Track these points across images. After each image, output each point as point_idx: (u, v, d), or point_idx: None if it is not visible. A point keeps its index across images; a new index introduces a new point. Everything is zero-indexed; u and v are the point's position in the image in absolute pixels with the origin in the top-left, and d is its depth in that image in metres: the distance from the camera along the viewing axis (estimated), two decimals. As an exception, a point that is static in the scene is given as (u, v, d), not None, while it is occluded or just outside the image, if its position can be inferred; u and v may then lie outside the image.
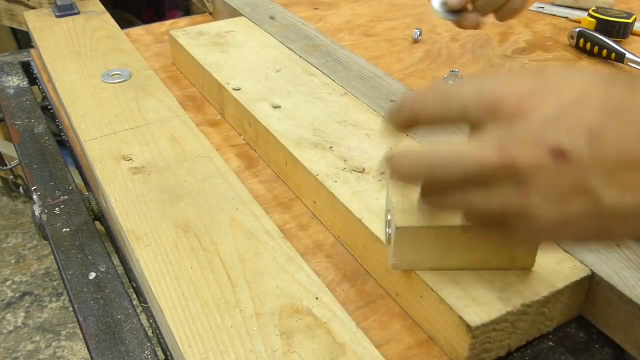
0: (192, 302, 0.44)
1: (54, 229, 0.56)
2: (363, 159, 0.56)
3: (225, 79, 0.70)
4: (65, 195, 0.61)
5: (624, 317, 0.43)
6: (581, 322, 0.46)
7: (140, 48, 0.87)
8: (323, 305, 0.44)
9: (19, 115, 0.74)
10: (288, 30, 0.82)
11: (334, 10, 0.99)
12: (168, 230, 0.51)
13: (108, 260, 0.52)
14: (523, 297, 0.42)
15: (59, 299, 1.70)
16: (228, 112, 0.70)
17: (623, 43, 0.84)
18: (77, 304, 0.48)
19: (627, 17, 0.84)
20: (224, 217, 0.52)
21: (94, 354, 0.44)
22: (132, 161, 0.60)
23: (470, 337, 0.40)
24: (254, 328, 0.42)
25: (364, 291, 0.49)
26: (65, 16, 0.90)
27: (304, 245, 0.53)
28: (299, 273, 0.47)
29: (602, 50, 0.80)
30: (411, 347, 0.44)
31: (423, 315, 0.45)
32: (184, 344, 0.41)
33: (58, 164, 0.66)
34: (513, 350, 0.44)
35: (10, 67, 0.85)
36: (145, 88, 0.73)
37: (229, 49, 0.77)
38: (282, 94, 0.66)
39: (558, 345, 0.44)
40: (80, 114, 0.68)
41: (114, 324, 0.46)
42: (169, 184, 0.56)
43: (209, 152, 0.61)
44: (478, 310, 0.41)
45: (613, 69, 0.79)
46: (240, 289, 0.45)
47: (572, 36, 0.84)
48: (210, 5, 0.99)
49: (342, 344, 0.41)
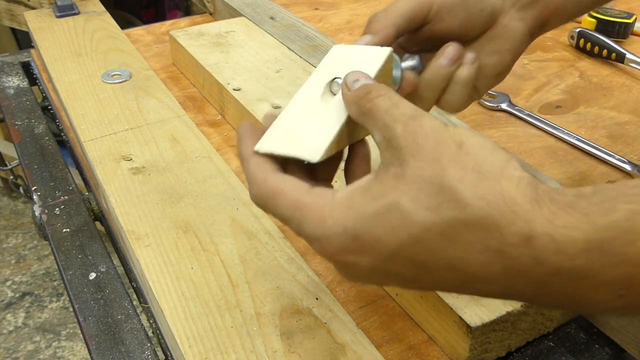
0: (192, 302, 0.44)
1: (54, 229, 0.56)
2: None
3: (225, 79, 0.70)
4: (65, 195, 0.61)
5: (624, 317, 0.43)
6: (581, 322, 0.46)
7: (140, 48, 0.87)
8: (323, 305, 0.44)
9: (19, 115, 0.74)
10: (288, 30, 0.83)
11: (334, 10, 0.99)
12: (168, 230, 0.51)
13: (108, 260, 0.52)
14: (523, 297, 0.42)
15: (59, 299, 1.70)
16: (228, 112, 0.70)
17: (623, 43, 0.84)
18: (77, 304, 0.48)
19: (627, 17, 0.84)
20: (224, 217, 0.52)
21: (94, 354, 0.44)
22: (132, 161, 0.60)
23: (470, 337, 0.40)
24: (254, 328, 0.42)
25: (364, 291, 0.49)
26: (65, 16, 0.90)
27: (304, 245, 0.53)
28: (299, 273, 0.47)
29: (602, 50, 0.80)
30: (411, 347, 0.44)
31: (423, 315, 0.45)
32: (184, 344, 0.41)
33: (58, 164, 0.66)
34: (513, 350, 0.44)
35: (10, 67, 0.85)
36: (145, 88, 0.73)
37: (229, 49, 0.77)
38: (282, 94, 0.66)
39: (558, 345, 0.44)
40: (80, 114, 0.68)
41: (114, 324, 0.46)
42: (169, 184, 0.56)
43: (209, 152, 0.61)
44: (478, 310, 0.41)
45: (613, 68, 0.79)
46: (241, 289, 0.45)
47: (572, 36, 0.84)
48: (210, 5, 0.99)
49: (342, 344, 0.41)
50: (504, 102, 0.71)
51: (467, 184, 0.29)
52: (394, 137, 0.32)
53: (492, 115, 0.70)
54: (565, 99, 0.73)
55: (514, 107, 0.70)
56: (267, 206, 0.35)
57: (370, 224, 0.31)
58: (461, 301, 0.41)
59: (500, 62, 0.47)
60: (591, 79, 0.78)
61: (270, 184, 0.34)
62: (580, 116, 0.70)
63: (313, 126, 0.37)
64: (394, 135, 0.32)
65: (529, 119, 0.68)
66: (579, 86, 0.76)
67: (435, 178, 0.29)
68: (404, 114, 0.32)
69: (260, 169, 0.35)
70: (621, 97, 0.73)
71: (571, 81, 0.77)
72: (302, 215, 0.33)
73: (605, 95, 0.74)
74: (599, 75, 0.78)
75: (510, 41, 0.46)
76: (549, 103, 0.72)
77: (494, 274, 0.29)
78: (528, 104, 0.72)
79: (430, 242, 0.29)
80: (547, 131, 0.66)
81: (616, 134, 0.66)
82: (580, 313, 0.42)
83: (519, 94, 0.74)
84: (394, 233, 0.30)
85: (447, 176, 0.29)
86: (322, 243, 0.32)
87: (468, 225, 0.29)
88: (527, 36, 0.47)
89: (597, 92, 0.75)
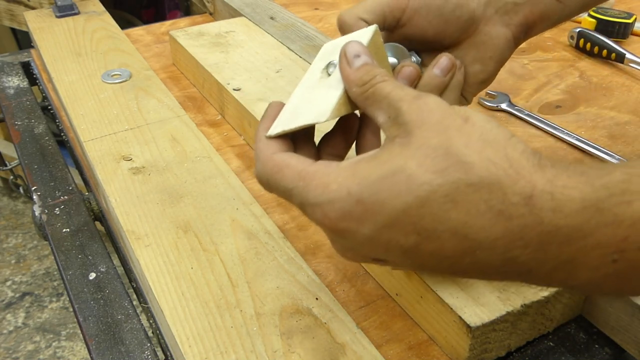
0: (192, 302, 0.44)
1: (54, 229, 0.56)
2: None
3: (225, 79, 0.70)
4: (65, 195, 0.61)
5: (624, 317, 0.43)
6: (581, 322, 0.46)
7: (140, 48, 0.87)
8: (323, 305, 0.44)
9: (19, 115, 0.74)
10: (288, 30, 0.83)
11: (334, 10, 0.99)
12: (168, 230, 0.51)
13: (108, 260, 0.52)
14: (523, 297, 0.42)
15: (59, 299, 1.70)
16: (228, 112, 0.70)
17: (623, 43, 0.84)
18: (77, 304, 0.48)
19: (627, 17, 0.84)
20: (224, 217, 0.52)
21: (94, 354, 0.44)
22: (132, 161, 0.60)
23: (470, 337, 0.40)
24: (254, 328, 0.42)
25: (364, 291, 0.49)
26: (65, 16, 0.90)
27: (304, 245, 0.53)
28: (299, 273, 0.47)
29: (602, 50, 0.80)
30: (411, 347, 0.44)
31: (423, 315, 0.45)
32: (184, 344, 0.41)
33: (58, 164, 0.66)
34: (513, 350, 0.44)
35: (10, 67, 0.85)
36: (145, 88, 0.73)
37: (229, 49, 0.77)
38: (282, 94, 0.66)
39: (558, 345, 0.44)
40: (80, 114, 0.68)
41: (114, 324, 0.46)
42: (169, 184, 0.56)
43: (209, 152, 0.61)
44: (478, 310, 0.41)
45: (613, 68, 0.79)
46: (240, 289, 0.45)
47: (572, 36, 0.84)
48: (210, 5, 0.99)
49: (342, 343, 0.41)
50: (503, 102, 0.71)
51: (473, 149, 0.30)
52: (399, 114, 0.32)
53: (492, 115, 0.70)
54: (565, 99, 0.73)
55: (514, 107, 0.70)
56: (270, 181, 0.35)
57: (375, 187, 0.31)
58: (461, 301, 0.41)
59: (484, 70, 0.46)
60: (591, 79, 0.78)
61: (276, 159, 0.35)
62: (580, 116, 0.70)
63: (317, 99, 0.38)
64: (400, 113, 0.32)
65: (529, 119, 0.68)
66: (578, 86, 0.76)
67: (442, 145, 0.30)
68: (409, 94, 0.33)
69: (268, 147, 0.36)
70: (621, 97, 0.73)
71: (571, 81, 0.77)
72: (306, 183, 0.33)
73: (605, 95, 0.74)
74: (598, 75, 0.78)
75: (493, 49, 0.46)
76: (549, 103, 0.72)
77: (494, 238, 0.29)
78: (528, 104, 0.72)
79: (434, 205, 0.30)
80: (547, 131, 0.66)
81: (616, 134, 0.66)
82: (573, 289, 0.41)
83: (519, 94, 0.74)
84: (398, 196, 0.30)
85: (453, 143, 0.30)
86: (324, 209, 0.32)
87: (473, 186, 0.29)
88: (512, 42, 0.46)
89: (597, 92, 0.74)
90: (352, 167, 0.32)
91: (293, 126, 0.37)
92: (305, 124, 0.36)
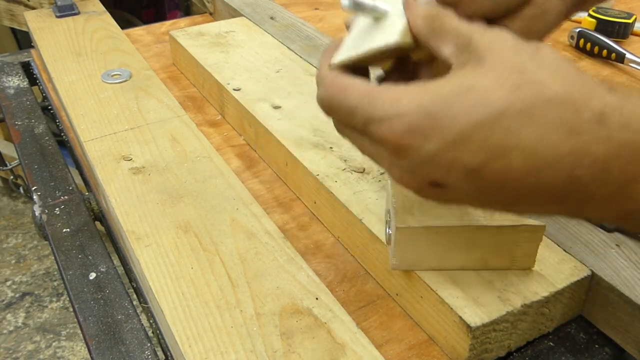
0: (192, 302, 0.44)
1: (54, 229, 0.56)
2: (363, 159, 0.56)
3: (225, 79, 0.70)
4: (65, 195, 0.61)
5: (624, 317, 0.43)
6: (581, 322, 0.46)
7: (140, 48, 0.87)
8: (323, 305, 0.44)
9: (19, 115, 0.74)
10: (288, 30, 0.83)
11: (334, 10, 0.99)
12: (168, 230, 0.51)
13: (108, 260, 0.52)
14: (523, 297, 0.42)
15: (59, 299, 1.70)
16: (228, 112, 0.70)
17: (623, 43, 0.84)
18: (77, 304, 0.48)
19: (627, 17, 0.84)
20: (224, 217, 0.52)
21: (94, 354, 0.44)
22: (132, 161, 0.60)
23: (470, 337, 0.40)
24: (254, 328, 0.42)
25: (364, 291, 0.49)
26: (65, 16, 0.90)
27: (304, 245, 0.53)
28: (299, 273, 0.47)
29: (602, 50, 0.80)
30: (411, 347, 0.44)
31: (423, 315, 0.45)
32: (184, 344, 0.41)
33: (58, 164, 0.66)
34: (513, 350, 0.44)
35: (10, 67, 0.85)
36: (145, 88, 0.73)
37: (229, 49, 0.77)
38: (282, 94, 0.66)
39: (558, 345, 0.44)
40: (80, 114, 0.68)
41: (114, 324, 0.46)
42: (169, 184, 0.57)
43: (209, 152, 0.61)
44: (478, 310, 0.41)
45: (613, 68, 0.79)
46: (241, 289, 0.45)
47: (572, 36, 0.84)
48: (210, 5, 0.99)
49: (342, 344, 0.41)
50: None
51: (547, 70, 0.30)
52: (471, 42, 0.32)
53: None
54: (565, 99, 0.73)
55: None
56: (332, 102, 0.35)
57: (448, 101, 0.31)
58: (461, 301, 0.41)
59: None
60: (591, 79, 0.78)
61: (341, 79, 0.35)
62: (580, 116, 0.70)
63: (378, 33, 0.37)
64: (471, 40, 0.32)
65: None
66: (579, 86, 0.76)
67: (516, 65, 0.31)
68: (479, 25, 0.33)
69: (332, 73, 0.36)
70: (621, 97, 0.73)
71: (571, 81, 0.77)
72: (373, 99, 0.33)
73: (605, 95, 0.74)
74: (599, 75, 0.78)
75: (543, 22, 0.45)
76: (549, 103, 0.72)
77: (562, 155, 0.29)
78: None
79: (508, 120, 0.30)
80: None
81: (616, 134, 0.66)
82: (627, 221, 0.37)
83: (519, 94, 0.74)
84: (472, 110, 0.30)
85: (527, 65, 0.31)
86: (392, 122, 0.32)
87: (548, 102, 0.30)
88: (562, 16, 0.45)
89: (597, 92, 0.74)
90: (423, 84, 0.32)
91: (360, 52, 0.36)
92: (374, 47, 0.35)
